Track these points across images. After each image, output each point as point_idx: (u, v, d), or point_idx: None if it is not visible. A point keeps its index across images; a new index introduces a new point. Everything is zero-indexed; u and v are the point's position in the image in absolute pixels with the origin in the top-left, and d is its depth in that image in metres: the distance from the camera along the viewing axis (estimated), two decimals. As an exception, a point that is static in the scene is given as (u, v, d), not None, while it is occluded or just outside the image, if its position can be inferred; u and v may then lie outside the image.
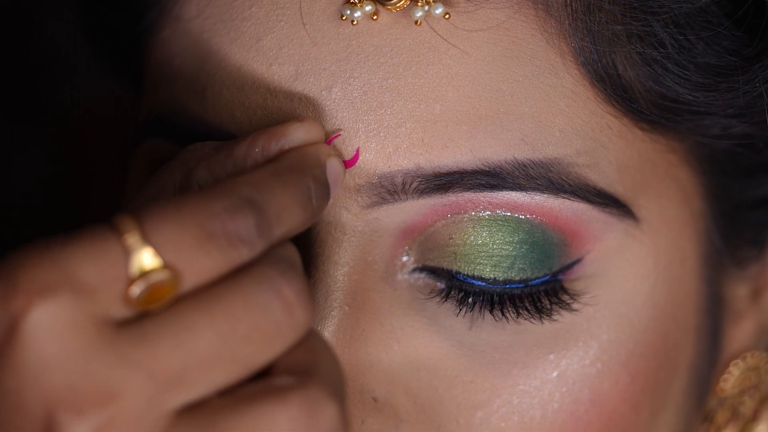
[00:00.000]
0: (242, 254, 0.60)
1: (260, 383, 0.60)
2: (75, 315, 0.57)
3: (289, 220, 0.62)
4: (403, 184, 0.69)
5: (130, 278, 0.58)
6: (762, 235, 0.79)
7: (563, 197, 0.69)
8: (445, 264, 0.70)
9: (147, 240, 0.58)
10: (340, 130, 0.69)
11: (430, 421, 0.70)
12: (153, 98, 0.75)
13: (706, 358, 0.77)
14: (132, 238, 0.58)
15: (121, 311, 0.58)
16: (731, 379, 0.80)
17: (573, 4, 0.69)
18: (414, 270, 0.71)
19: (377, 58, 0.68)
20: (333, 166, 0.67)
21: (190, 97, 0.72)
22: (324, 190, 0.65)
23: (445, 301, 0.71)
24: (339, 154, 0.68)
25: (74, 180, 1.25)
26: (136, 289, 0.58)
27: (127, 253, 0.58)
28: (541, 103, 0.69)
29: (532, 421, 0.70)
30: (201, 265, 0.59)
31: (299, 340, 0.61)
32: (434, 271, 0.70)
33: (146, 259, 0.58)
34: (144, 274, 0.58)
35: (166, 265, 0.58)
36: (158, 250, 0.58)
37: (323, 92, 0.69)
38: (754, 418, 0.81)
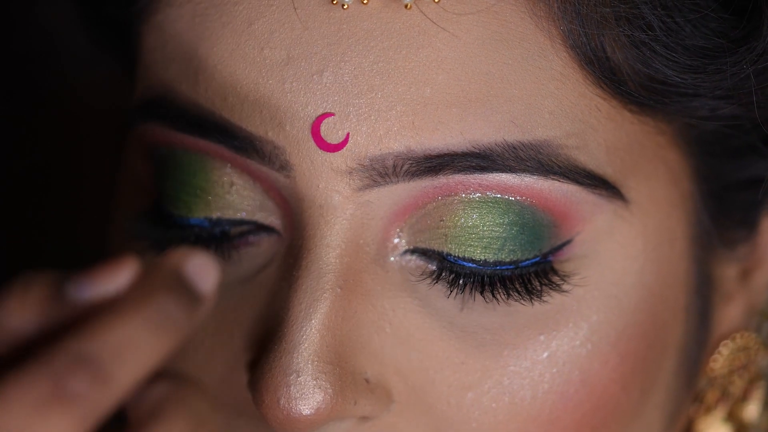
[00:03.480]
0: (85, 410, 0.54)
1: None
2: None
3: (136, 352, 0.56)
4: (394, 167, 0.69)
5: None
6: (751, 215, 0.79)
7: (553, 179, 0.70)
8: (436, 246, 0.70)
9: None
10: (331, 114, 0.69)
11: (421, 403, 0.71)
12: (146, 82, 0.75)
13: (695, 338, 0.77)
14: None
15: None
16: (721, 359, 0.80)
17: (561, -13, 0.69)
18: (405, 252, 0.71)
19: (368, 42, 0.69)
20: (195, 264, 0.58)
21: (183, 81, 0.72)
22: (186, 297, 0.57)
23: (436, 282, 0.71)
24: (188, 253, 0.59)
25: (69, 169, 1.25)
26: None
27: None
28: (530, 86, 0.69)
29: (523, 401, 0.71)
30: None
31: None
32: (425, 253, 0.71)
33: None
34: None
35: None
36: None
37: (314, 76, 0.69)
38: (744, 397, 0.81)
